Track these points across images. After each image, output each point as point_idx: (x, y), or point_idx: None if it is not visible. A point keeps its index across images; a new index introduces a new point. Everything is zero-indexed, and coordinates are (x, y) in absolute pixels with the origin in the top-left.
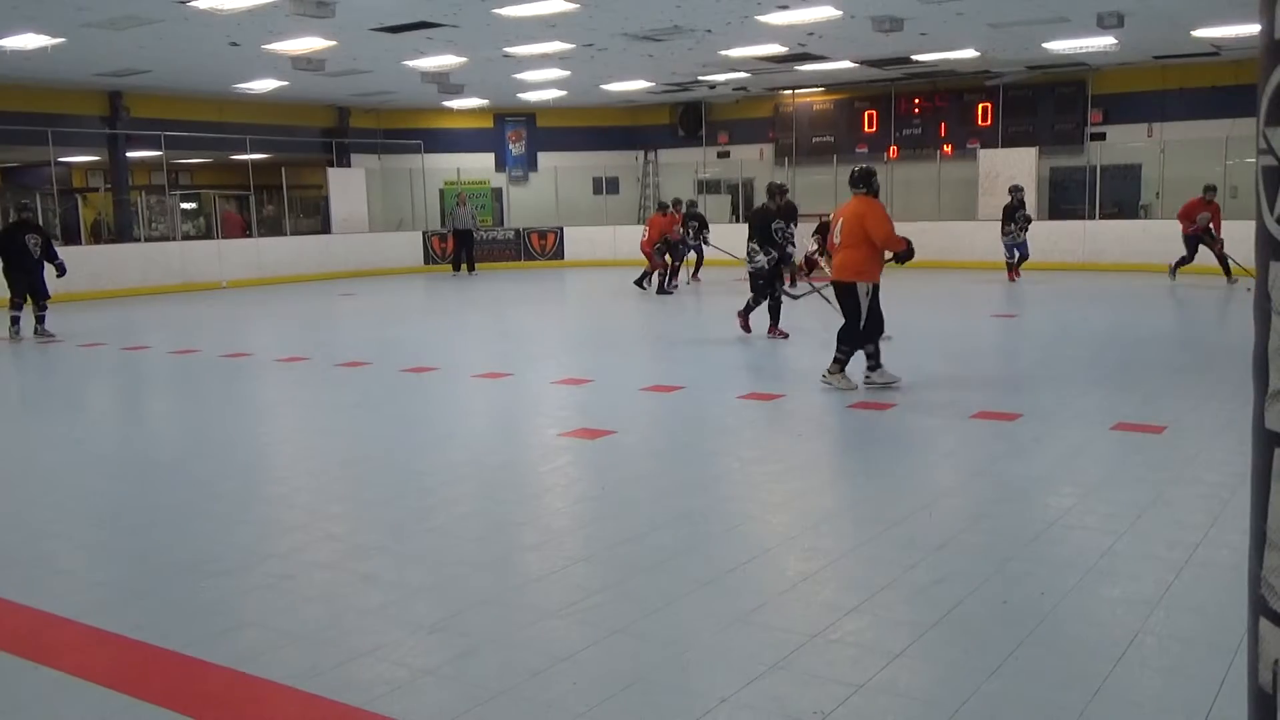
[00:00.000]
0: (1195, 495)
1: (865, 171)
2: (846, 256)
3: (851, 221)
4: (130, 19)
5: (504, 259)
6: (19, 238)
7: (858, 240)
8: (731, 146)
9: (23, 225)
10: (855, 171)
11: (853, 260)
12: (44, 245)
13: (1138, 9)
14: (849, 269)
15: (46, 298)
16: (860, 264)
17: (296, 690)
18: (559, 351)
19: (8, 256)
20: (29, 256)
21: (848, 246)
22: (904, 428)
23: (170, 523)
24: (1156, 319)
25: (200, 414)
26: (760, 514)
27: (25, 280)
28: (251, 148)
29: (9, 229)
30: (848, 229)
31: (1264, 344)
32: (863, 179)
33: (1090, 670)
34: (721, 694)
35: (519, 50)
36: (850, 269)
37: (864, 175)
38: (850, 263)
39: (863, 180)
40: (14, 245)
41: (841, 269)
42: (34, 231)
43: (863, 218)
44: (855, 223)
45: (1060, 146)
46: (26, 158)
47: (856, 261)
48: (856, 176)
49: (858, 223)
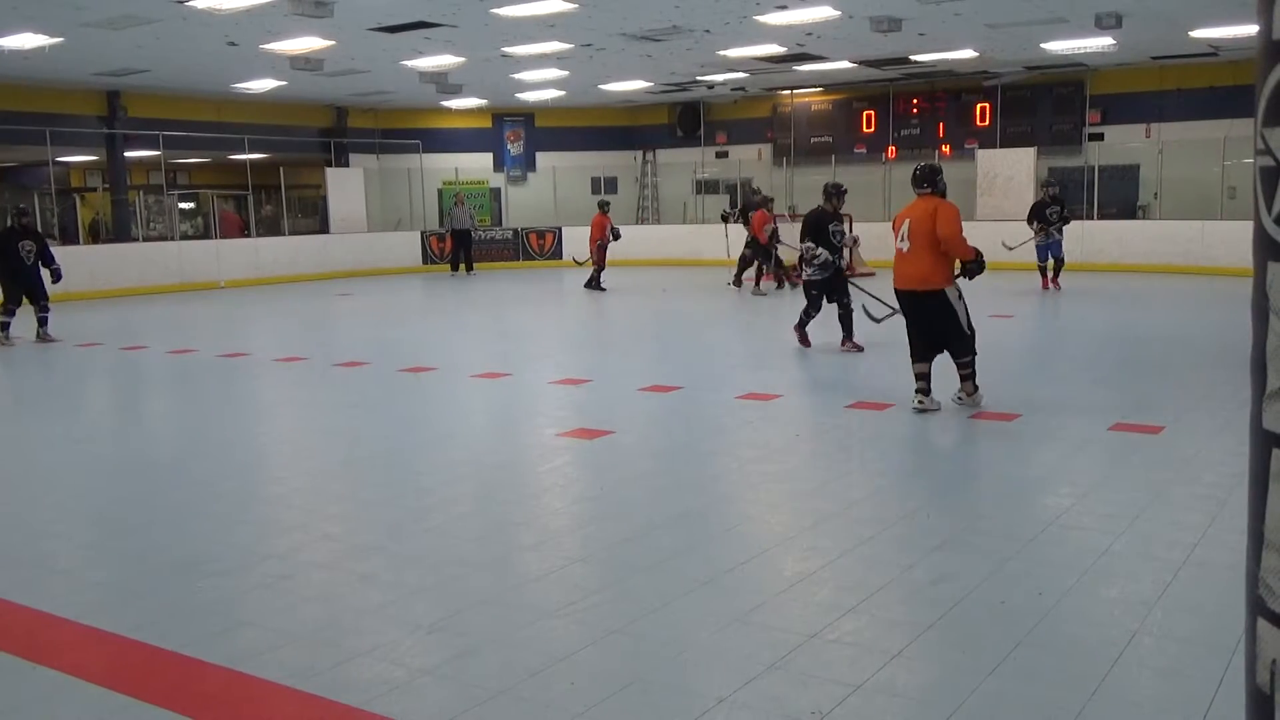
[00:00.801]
0: (1193, 495)
1: (931, 169)
2: (920, 264)
3: (923, 222)
4: (128, 19)
5: (502, 259)
6: (12, 244)
7: (930, 243)
8: (730, 147)
9: (16, 231)
10: (920, 169)
11: (928, 266)
12: (39, 251)
13: (1136, 9)
14: (926, 277)
15: (45, 299)
16: (939, 269)
17: (295, 690)
18: (557, 351)
19: (1, 262)
20: (22, 263)
21: (922, 250)
22: (902, 428)
23: (169, 523)
24: (1155, 319)
25: (198, 414)
26: (758, 514)
27: (19, 286)
28: (250, 147)
29: (6, 234)
30: (917, 231)
31: (1262, 344)
32: (928, 177)
33: (1088, 670)
34: (719, 694)
35: (517, 50)
36: (928, 277)
37: (930, 173)
38: (925, 270)
39: (928, 179)
40: (7, 251)
41: (916, 278)
42: (29, 238)
43: (934, 217)
44: (926, 223)
45: (1058, 147)
46: (24, 157)
47: (933, 267)
48: (922, 174)
49: (929, 222)
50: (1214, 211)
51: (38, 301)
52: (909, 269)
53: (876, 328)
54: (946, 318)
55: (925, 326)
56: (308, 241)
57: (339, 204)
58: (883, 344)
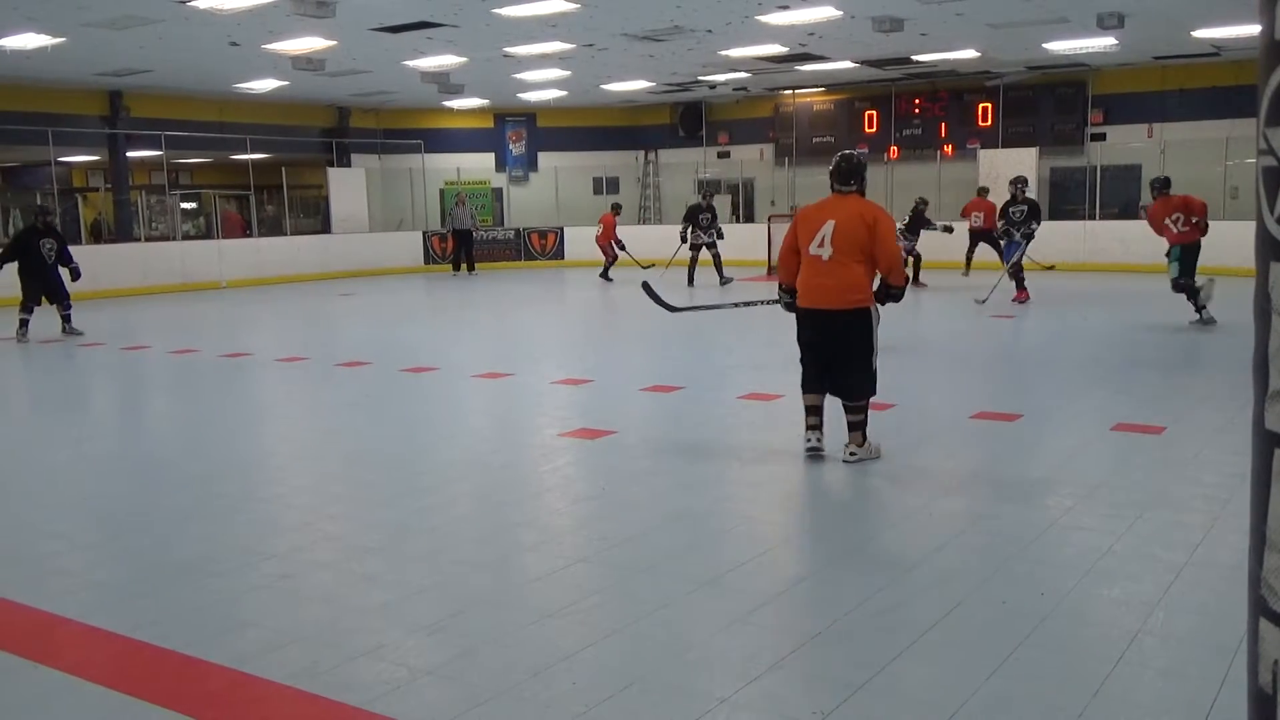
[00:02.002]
0: (1195, 496)
1: (859, 161)
2: (845, 276)
3: (853, 227)
4: (130, 19)
5: (504, 259)
6: (33, 242)
7: (860, 254)
8: (732, 147)
9: (38, 230)
10: (846, 160)
11: (854, 279)
12: (59, 250)
13: (1138, 9)
14: (850, 290)
15: (67, 298)
16: (865, 283)
17: (297, 690)
18: (559, 351)
19: (22, 260)
20: (43, 261)
21: (848, 260)
22: (904, 428)
23: (170, 522)
24: (1156, 319)
25: (200, 414)
26: (759, 514)
27: (39, 284)
28: (251, 147)
29: (25, 233)
30: (845, 238)
31: (1264, 344)
32: (856, 171)
33: (1090, 671)
34: (721, 694)
35: (519, 50)
36: (852, 291)
37: (858, 166)
38: (850, 282)
39: (855, 173)
40: (29, 249)
41: (837, 292)
42: (50, 236)
43: (874, 226)
44: (858, 230)
45: (1060, 147)
46: (27, 157)
47: (860, 280)
48: (849, 168)
49: (862, 231)
50: (1216, 212)
51: (60, 300)
52: (828, 281)
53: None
54: (861, 344)
55: (830, 352)
56: (309, 241)
57: (341, 204)
58: (884, 345)
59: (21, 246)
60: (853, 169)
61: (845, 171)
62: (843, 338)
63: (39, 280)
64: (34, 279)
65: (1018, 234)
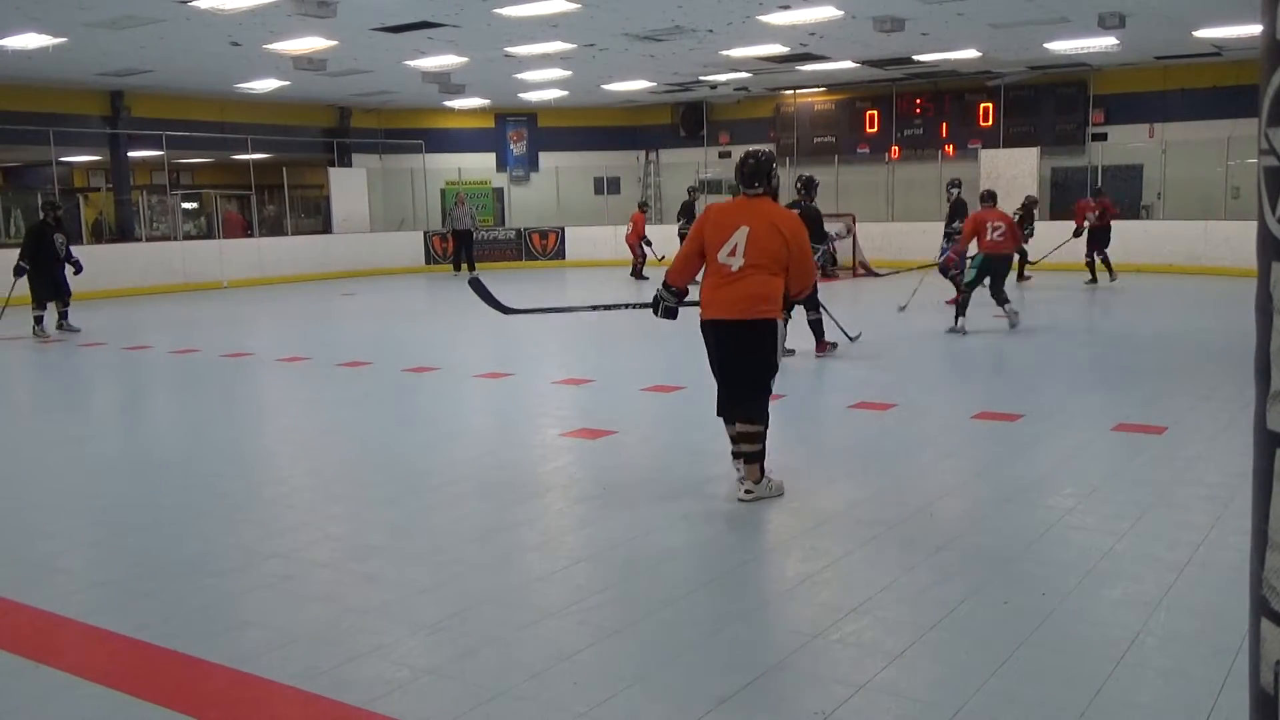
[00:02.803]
0: (1196, 496)
1: (768, 160)
2: (758, 285)
3: (768, 235)
4: (131, 19)
5: (505, 259)
6: (48, 236)
7: (774, 262)
8: (733, 147)
9: (50, 225)
10: (748, 160)
11: (766, 288)
12: (65, 246)
13: (1139, 9)
14: (760, 300)
15: (69, 294)
16: (776, 292)
17: (298, 690)
18: (560, 352)
19: (39, 258)
20: (55, 255)
21: (760, 269)
22: (905, 428)
23: (171, 522)
24: (1157, 319)
25: (201, 414)
26: (760, 515)
27: (49, 280)
28: (253, 147)
29: (40, 229)
30: (759, 244)
31: (1265, 344)
32: (764, 171)
33: (1091, 671)
34: (722, 694)
35: (520, 50)
36: (762, 301)
37: (766, 165)
38: (762, 292)
39: (762, 174)
40: (42, 244)
41: (746, 302)
42: (60, 231)
43: (791, 239)
44: (772, 237)
45: (1061, 147)
46: (28, 157)
47: (771, 289)
48: (754, 168)
49: (777, 242)
50: (1217, 212)
51: (62, 296)
52: (738, 291)
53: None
54: (762, 357)
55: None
56: (310, 241)
57: (342, 204)
58: (884, 346)
59: (37, 242)
60: (758, 169)
61: (749, 172)
62: (741, 351)
63: (49, 276)
64: (44, 275)
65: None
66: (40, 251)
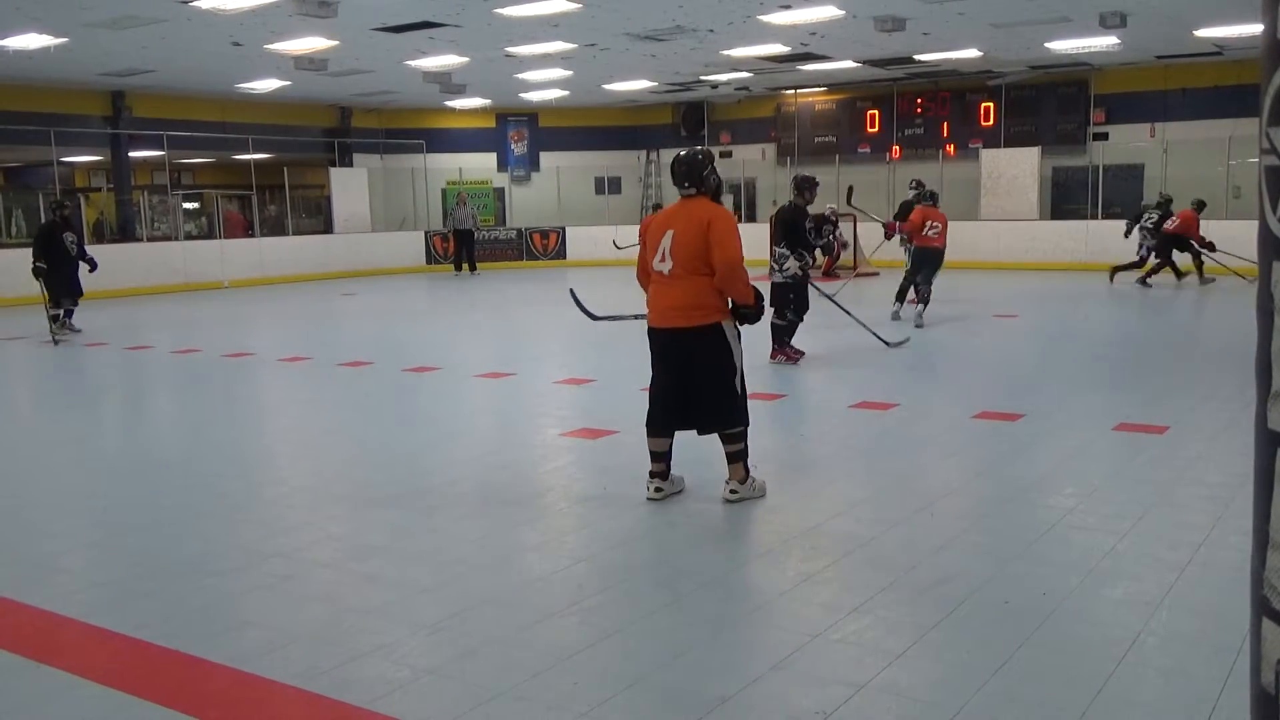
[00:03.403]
0: (1197, 496)
1: (696, 159)
2: (686, 291)
3: (691, 237)
4: (132, 19)
5: (506, 259)
6: (56, 236)
7: (699, 265)
8: (734, 146)
9: (59, 224)
10: (682, 159)
11: (697, 293)
12: (78, 244)
13: (1140, 9)
14: (694, 307)
15: (80, 295)
16: (710, 296)
17: (299, 690)
18: (561, 351)
19: (50, 257)
20: (66, 254)
21: (689, 273)
22: (905, 428)
23: (172, 522)
24: (1158, 319)
25: (202, 414)
26: (761, 514)
27: (62, 279)
28: (254, 147)
29: (50, 228)
30: (683, 248)
31: (1266, 344)
32: (691, 170)
33: (1092, 671)
34: (723, 694)
35: (521, 50)
36: (697, 307)
37: (695, 164)
38: (693, 297)
39: (691, 173)
40: (56, 245)
41: (679, 309)
42: (69, 229)
43: (708, 228)
44: (695, 239)
45: (1062, 146)
46: (29, 157)
47: (703, 294)
48: (686, 167)
49: (698, 239)
50: (1219, 211)
51: (72, 295)
52: (668, 298)
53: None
54: (716, 365)
55: (680, 380)
56: (312, 241)
57: (343, 204)
58: (885, 345)
59: (47, 241)
60: (690, 169)
61: (679, 173)
62: (694, 360)
63: (62, 275)
64: (57, 274)
65: None
66: (50, 250)
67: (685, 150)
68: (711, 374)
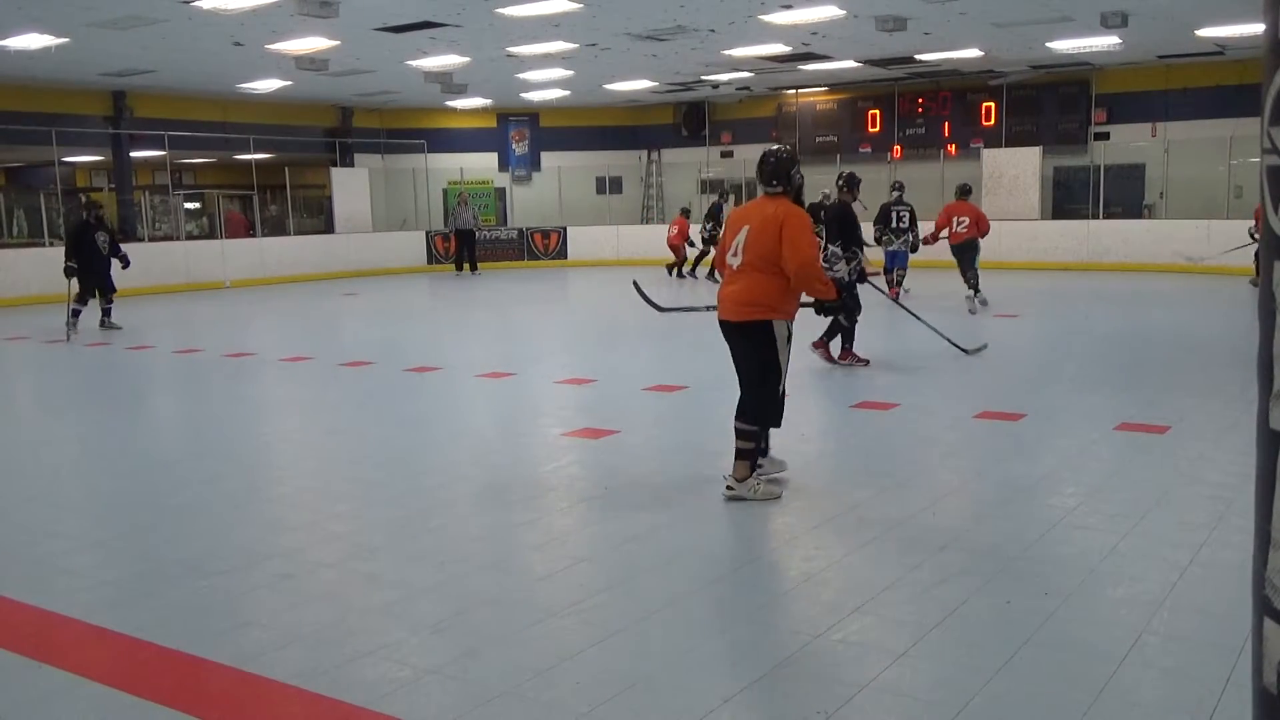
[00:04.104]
0: (1199, 495)
1: (785, 158)
2: (753, 283)
3: (765, 235)
4: (134, 19)
5: (507, 259)
6: (88, 236)
7: (768, 263)
8: (735, 146)
9: (90, 224)
10: (771, 157)
11: (759, 289)
12: (110, 243)
13: (1141, 8)
14: (757, 301)
15: (114, 292)
16: (774, 294)
17: (300, 689)
18: (562, 351)
19: (81, 256)
20: (98, 253)
21: (755, 269)
22: (907, 427)
23: (173, 522)
24: (1160, 319)
25: (204, 413)
26: (763, 514)
27: (94, 278)
28: (255, 147)
29: (82, 228)
30: (756, 245)
31: (1269, 344)
32: (780, 169)
33: (1093, 671)
34: (725, 694)
35: (522, 50)
36: (755, 302)
37: (784, 163)
38: (754, 293)
39: (779, 172)
40: (83, 243)
41: (738, 303)
42: (101, 229)
43: (781, 227)
44: (767, 237)
45: (1064, 146)
46: (31, 157)
47: (764, 290)
48: (773, 166)
49: (771, 238)
50: (1220, 211)
51: (105, 294)
52: (734, 292)
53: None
54: (759, 362)
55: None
56: (313, 241)
57: (344, 204)
58: (886, 345)
59: (77, 241)
60: (776, 166)
61: (768, 170)
62: (741, 352)
63: (94, 274)
64: (90, 273)
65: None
66: (81, 250)
67: (773, 148)
68: (752, 369)
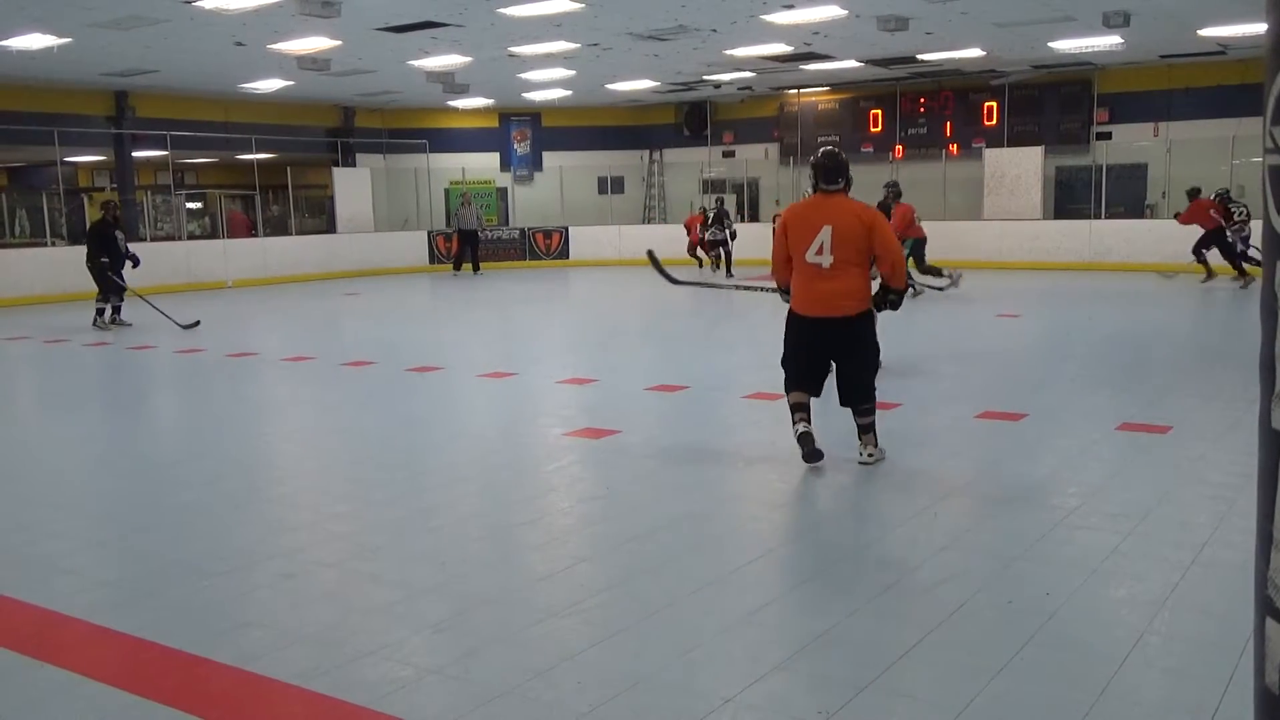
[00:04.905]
0: (1201, 495)
1: (844, 159)
2: (851, 279)
3: (853, 231)
4: (136, 19)
5: (509, 258)
6: (109, 233)
7: (862, 258)
8: (736, 146)
9: (110, 223)
10: (828, 159)
11: (859, 282)
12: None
13: (1144, 8)
14: (860, 294)
15: (125, 289)
16: (865, 286)
17: (301, 689)
18: (564, 351)
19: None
20: (119, 250)
21: (851, 264)
22: (909, 427)
23: (174, 522)
24: (1162, 319)
25: (205, 413)
26: (764, 514)
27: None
28: (257, 147)
29: (102, 226)
30: (845, 243)
31: (1271, 344)
32: (843, 169)
33: (1095, 671)
34: (726, 694)
35: (524, 50)
36: (861, 294)
37: (844, 164)
38: (857, 285)
39: (843, 171)
40: (106, 240)
41: (841, 299)
42: (119, 228)
43: (872, 229)
44: (858, 235)
45: (1066, 146)
46: (33, 157)
47: (863, 285)
48: (834, 166)
49: (861, 234)
50: None
51: (119, 291)
52: (833, 289)
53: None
54: (866, 347)
55: (823, 357)
56: (314, 241)
57: (346, 204)
58: (885, 345)
59: (104, 239)
60: (838, 166)
61: (831, 169)
62: (850, 344)
63: (115, 269)
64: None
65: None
66: (107, 246)
67: (827, 148)
68: (864, 356)
